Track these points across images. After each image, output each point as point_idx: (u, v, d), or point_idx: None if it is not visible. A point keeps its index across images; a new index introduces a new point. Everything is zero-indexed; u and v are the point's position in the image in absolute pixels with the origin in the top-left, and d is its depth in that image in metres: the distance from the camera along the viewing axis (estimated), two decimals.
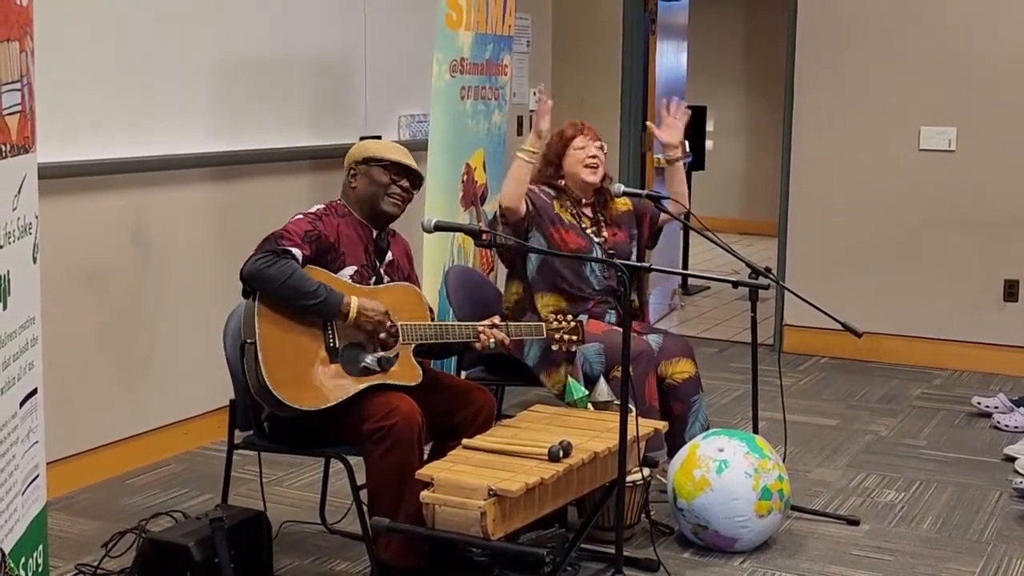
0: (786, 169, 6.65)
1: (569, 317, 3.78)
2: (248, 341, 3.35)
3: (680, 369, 4.29)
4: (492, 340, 3.60)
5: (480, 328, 3.61)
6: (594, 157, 4.29)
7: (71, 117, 4.22)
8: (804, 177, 6.59)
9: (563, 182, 4.32)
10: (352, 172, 3.62)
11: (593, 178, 4.30)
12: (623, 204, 4.43)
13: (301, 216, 3.51)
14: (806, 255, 6.61)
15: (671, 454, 4.12)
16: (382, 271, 3.63)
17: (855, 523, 4.12)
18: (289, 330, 3.38)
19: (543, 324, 3.76)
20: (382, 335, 3.44)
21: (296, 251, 3.37)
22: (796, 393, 5.83)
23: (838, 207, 6.51)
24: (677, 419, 4.23)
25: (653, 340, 4.29)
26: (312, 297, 3.35)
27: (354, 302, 3.41)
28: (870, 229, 6.45)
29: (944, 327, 6.33)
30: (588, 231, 4.31)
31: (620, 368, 3.39)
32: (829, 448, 5.00)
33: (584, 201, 4.35)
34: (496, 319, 3.69)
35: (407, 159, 3.63)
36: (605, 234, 4.34)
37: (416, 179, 3.65)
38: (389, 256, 3.67)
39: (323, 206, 3.58)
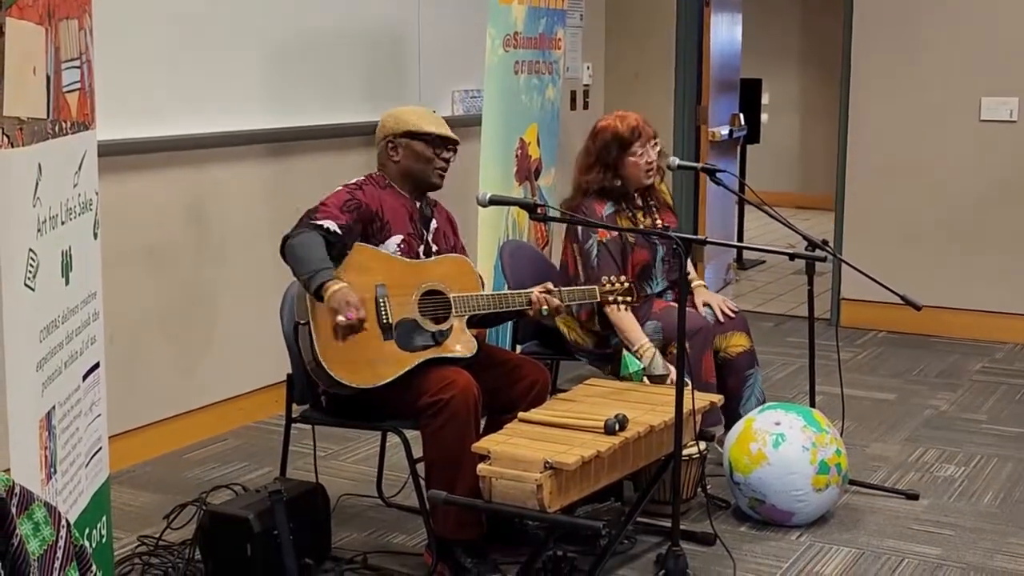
0: (843, 141, 6.57)
1: (623, 278, 3.76)
2: (302, 322, 3.37)
3: (735, 343, 4.27)
4: (545, 306, 3.59)
5: (533, 294, 3.60)
6: (652, 161, 4.21)
7: (128, 95, 4.26)
8: (861, 149, 6.51)
9: (619, 183, 4.20)
10: (391, 145, 3.59)
11: (653, 179, 4.25)
12: (664, 191, 4.40)
13: (341, 188, 3.52)
14: (863, 228, 6.54)
15: (727, 428, 4.10)
16: (429, 239, 3.63)
17: (914, 497, 4.08)
18: None
19: (595, 288, 3.74)
20: (339, 319, 3.23)
21: (331, 223, 3.36)
22: (853, 367, 5.77)
23: (896, 179, 6.42)
24: (732, 393, 4.21)
25: (708, 313, 4.27)
26: (303, 273, 3.30)
27: (333, 287, 3.24)
28: (929, 201, 6.36)
29: (1005, 300, 6.24)
30: (643, 226, 4.21)
31: (676, 344, 3.38)
32: (887, 423, 4.95)
33: (635, 192, 4.27)
34: (549, 285, 3.66)
35: (446, 129, 3.62)
36: (660, 220, 4.30)
37: (455, 146, 3.64)
38: (434, 224, 3.67)
39: (363, 178, 3.59)
